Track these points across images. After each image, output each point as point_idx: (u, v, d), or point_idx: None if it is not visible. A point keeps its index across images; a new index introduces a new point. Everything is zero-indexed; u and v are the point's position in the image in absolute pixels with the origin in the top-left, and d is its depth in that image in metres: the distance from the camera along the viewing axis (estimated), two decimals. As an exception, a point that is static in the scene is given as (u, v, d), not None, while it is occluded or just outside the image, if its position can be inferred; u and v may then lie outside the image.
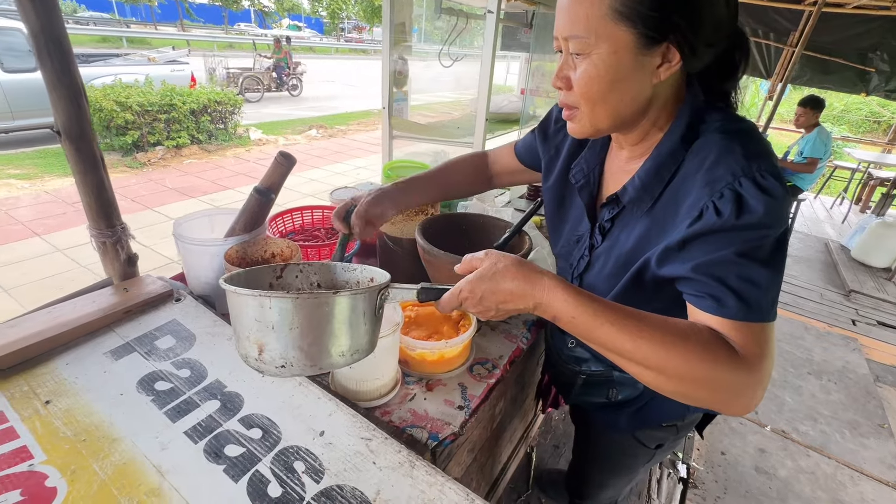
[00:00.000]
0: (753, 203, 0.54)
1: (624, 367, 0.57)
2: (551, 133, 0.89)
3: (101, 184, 0.86)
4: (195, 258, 0.96)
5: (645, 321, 0.54)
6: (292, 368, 0.55)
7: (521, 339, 1.05)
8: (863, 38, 6.00)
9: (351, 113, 10.41)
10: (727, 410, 0.55)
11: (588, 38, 0.57)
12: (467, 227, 1.15)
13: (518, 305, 0.57)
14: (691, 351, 0.53)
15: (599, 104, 0.61)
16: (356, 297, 0.56)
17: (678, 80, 0.63)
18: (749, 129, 0.62)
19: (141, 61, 7.88)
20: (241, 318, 0.55)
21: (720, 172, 0.57)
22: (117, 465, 0.59)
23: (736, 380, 0.53)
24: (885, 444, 2.28)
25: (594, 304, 0.55)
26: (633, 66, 0.58)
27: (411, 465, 0.62)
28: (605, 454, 1.05)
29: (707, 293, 0.57)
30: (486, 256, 0.58)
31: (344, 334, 0.56)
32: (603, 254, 0.75)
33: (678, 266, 0.60)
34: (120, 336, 0.82)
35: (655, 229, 0.66)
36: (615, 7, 0.55)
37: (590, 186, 0.78)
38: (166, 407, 0.68)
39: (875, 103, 12.45)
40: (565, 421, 2.17)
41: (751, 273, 0.55)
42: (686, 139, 0.63)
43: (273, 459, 0.62)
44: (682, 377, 0.53)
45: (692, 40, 0.57)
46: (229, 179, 5.65)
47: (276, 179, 0.97)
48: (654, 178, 0.65)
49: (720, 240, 0.56)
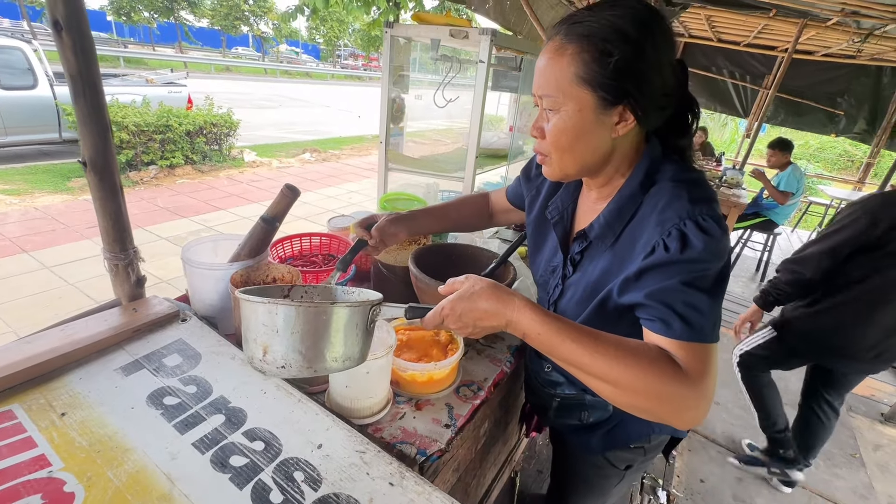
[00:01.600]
0: (695, 241, 0.65)
1: (585, 382, 0.65)
2: (532, 176, 1.02)
3: (118, 211, 0.93)
4: (201, 281, 1.03)
5: (601, 339, 0.63)
6: (291, 369, 0.63)
7: (504, 363, 1.12)
8: (832, 83, 6.40)
9: (345, 138, 10.61)
10: (675, 422, 0.63)
11: (557, 97, 0.68)
12: (457, 257, 1.23)
13: (492, 323, 0.66)
14: (641, 366, 0.61)
15: (567, 153, 0.72)
16: (351, 310, 0.64)
17: (637, 134, 0.74)
18: (696, 179, 0.73)
19: (139, 82, 8.01)
20: (250, 323, 0.64)
21: (669, 215, 0.68)
22: (130, 473, 0.64)
23: (681, 393, 0.61)
24: (856, 474, 2.35)
25: (557, 323, 0.63)
26: (594, 123, 0.69)
27: (401, 475, 0.68)
28: (579, 475, 1.11)
29: (657, 317, 0.66)
30: (465, 279, 0.68)
31: (338, 342, 0.64)
32: (573, 283, 0.85)
33: (634, 294, 0.69)
34: (129, 353, 0.87)
35: (616, 262, 0.76)
36: (579, 74, 0.66)
37: (563, 222, 0.89)
38: (175, 420, 0.73)
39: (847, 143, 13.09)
40: (549, 446, 2.21)
41: (693, 300, 0.64)
42: (644, 185, 0.74)
43: (275, 469, 0.67)
44: (634, 390, 0.61)
45: (643, 104, 0.68)
46: (222, 200, 5.70)
47: (282, 209, 1.05)
48: (616, 217, 0.76)
49: (668, 271, 0.66)
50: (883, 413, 2.85)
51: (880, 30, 4.10)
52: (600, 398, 0.96)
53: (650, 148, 0.75)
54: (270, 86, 20.03)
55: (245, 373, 0.86)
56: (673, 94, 0.71)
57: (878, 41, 4.45)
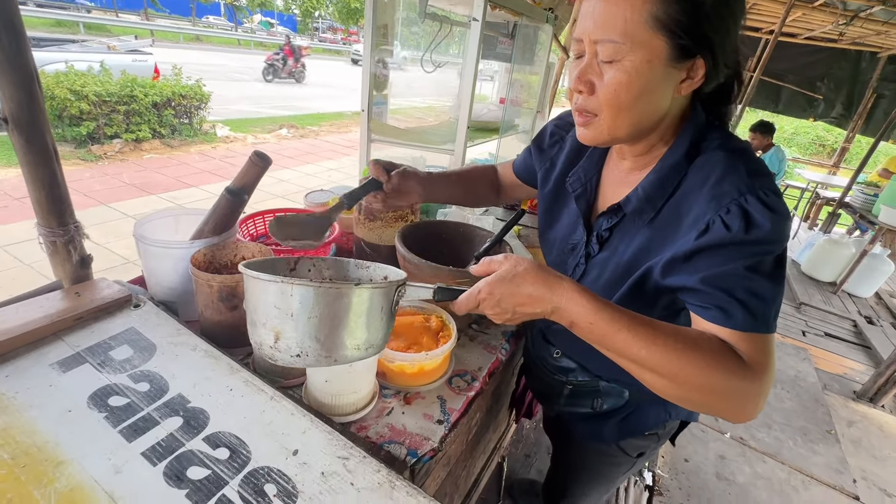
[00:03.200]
0: (760, 219, 0.56)
1: (635, 374, 0.58)
2: (546, 147, 0.91)
3: (53, 178, 0.79)
4: (158, 261, 0.90)
5: (659, 329, 0.55)
6: (307, 358, 0.55)
7: (500, 350, 1.04)
8: (812, 67, 6.45)
9: (323, 114, 10.23)
10: (733, 417, 0.57)
11: (622, 44, 0.56)
12: (447, 236, 1.13)
13: (535, 309, 0.57)
14: (703, 360, 0.54)
15: (624, 112, 0.61)
16: (376, 292, 0.55)
17: (688, 97, 0.64)
18: (747, 149, 0.64)
19: (100, 49, 7.48)
20: (258, 304, 0.55)
21: (726, 188, 0.59)
22: (62, 493, 0.53)
23: (743, 388, 0.55)
24: (831, 450, 2.40)
25: (611, 311, 0.55)
26: (662, 77, 0.58)
27: (391, 485, 0.59)
28: (587, 464, 1.06)
29: (714, 304, 0.58)
30: (505, 259, 0.58)
31: (361, 327, 0.56)
32: (600, 263, 0.75)
33: (685, 277, 0.60)
34: (69, 346, 0.74)
35: (656, 241, 0.67)
36: (656, 15, 0.54)
37: (587, 195, 0.79)
38: (121, 425, 0.62)
39: (821, 128, 13.40)
40: (536, 430, 2.18)
41: (757, 286, 0.57)
42: (689, 155, 0.64)
43: (242, 482, 0.57)
44: (693, 385, 0.55)
45: (717, 58, 0.58)
46: (193, 177, 5.42)
47: (250, 180, 0.92)
48: (658, 190, 0.66)
49: (729, 253, 0.57)
50: (855, 391, 2.93)
51: (865, 12, 4.09)
52: (615, 385, 0.89)
53: (696, 112, 0.66)
54: (244, 57, 19.08)
55: (208, 366, 0.74)
56: (736, 50, 0.61)
57: (863, 24, 4.45)
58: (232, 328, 0.85)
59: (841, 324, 3.78)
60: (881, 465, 2.35)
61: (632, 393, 0.89)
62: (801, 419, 2.60)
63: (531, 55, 2.10)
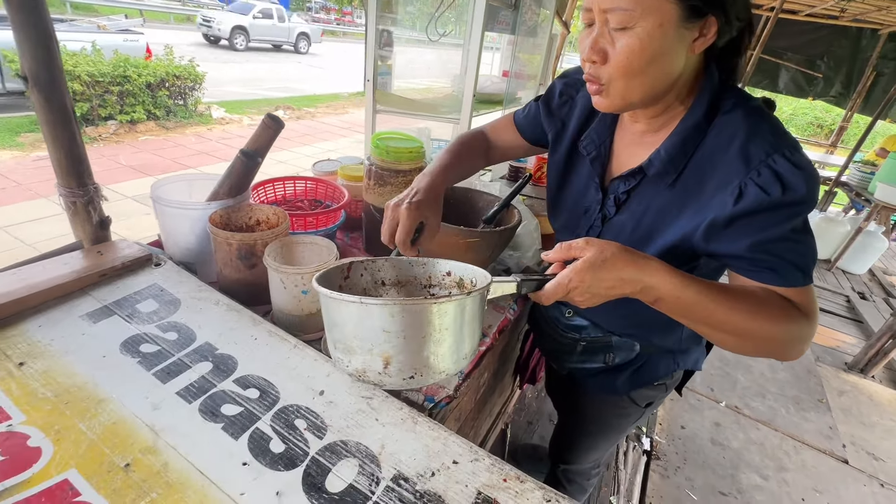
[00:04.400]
0: (793, 180, 0.58)
1: (706, 335, 0.63)
2: (555, 107, 0.89)
3: (72, 138, 0.80)
4: (175, 223, 0.92)
5: (732, 294, 0.60)
6: (420, 378, 0.54)
7: (508, 310, 1.07)
8: (812, 45, 6.40)
9: (319, 95, 10.09)
10: (789, 357, 0.63)
11: (634, 11, 0.56)
12: (455, 201, 1.15)
13: (625, 291, 0.58)
14: (773, 317, 0.60)
15: (637, 78, 0.61)
16: (477, 297, 0.55)
17: (701, 54, 0.64)
18: (763, 108, 0.65)
19: (90, 28, 7.30)
20: (360, 330, 0.53)
21: (753, 150, 0.60)
22: (106, 425, 0.56)
23: (804, 333, 0.62)
24: (822, 417, 2.48)
25: (695, 284, 0.58)
26: (674, 39, 0.58)
27: (413, 420, 0.63)
28: (598, 417, 1.10)
29: (766, 267, 0.62)
30: (587, 245, 0.57)
31: (468, 336, 0.56)
32: (618, 225, 0.77)
33: (729, 244, 0.63)
34: (97, 299, 0.77)
35: (678, 202, 0.69)
36: None
37: (601, 158, 0.80)
38: (155, 368, 0.65)
39: (819, 109, 13.34)
40: (538, 399, 2.24)
41: (801, 246, 0.61)
42: (708, 115, 0.65)
43: (273, 417, 0.60)
44: (765, 338, 0.60)
45: (729, 13, 0.58)
46: (190, 158, 5.38)
47: (264, 142, 0.93)
48: (680, 151, 0.67)
49: (770, 217, 0.60)
50: (846, 362, 3.00)
51: (869, -15, 4.05)
52: (626, 339, 0.93)
53: (710, 72, 0.66)
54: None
55: (231, 319, 0.77)
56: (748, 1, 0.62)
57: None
58: (251, 285, 0.88)
59: (835, 299, 3.85)
60: (869, 431, 2.43)
61: (643, 346, 0.93)
62: (794, 389, 2.68)
63: (534, 27, 2.09)
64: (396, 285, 0.79)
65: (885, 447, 2.34)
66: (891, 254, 5.26)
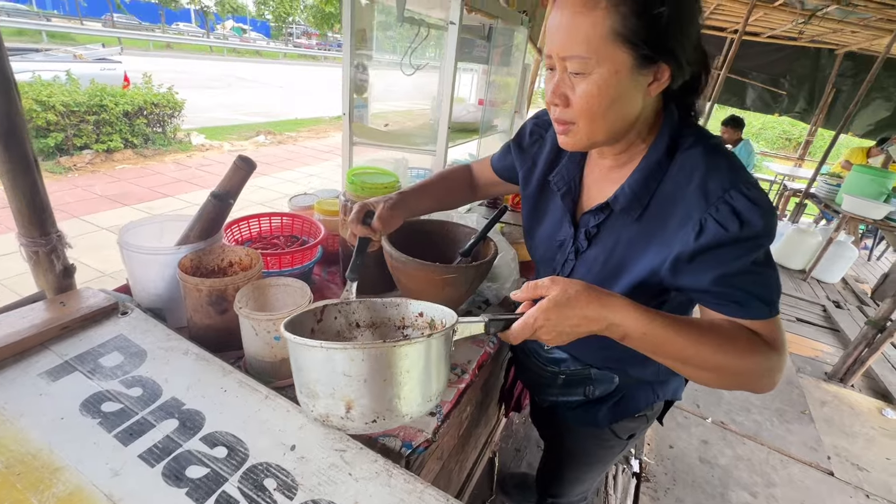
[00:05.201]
0: (749, 215, 0.60)
1: (678, 370, 0.63)
2: (526, 146, 0.93)
3: (34, 187, 0.78)
4: (143, 268, 0.89)
5: (699, 328, 0.61)
6: (383, 421, 0.53)
7: (487, 344, 1.06)
8: (775, 64, 6.71)
9: (301, 119, 10.13)
10: (762, 390, 0.63)
11: (589, 59, 0.59)
12: (433, 233, 1.15)
13: (591, 328, 0.59)
14: (741, 350, 0.60)
15: (598, 120, 0.64)
16: (441, 338, 0.55)
17: (660, 95, 0.68)
18: (721, 144, 0.68)
19: (66, 58, 7.26)
20: (322, 374, 0.52)
21: (711, 186, 0.63)
22: (61, 498, 0.53)
23: (773, 365, 0.62)
24: (806, 429, 2.51)
25: (661, 319, 0.59)
26: (630, 84, 0.61)
27: (388, 473, 0.61)
28: (581, 450, 1.09)
29: (731, 300, 0.63)
30: (552, 283, 0.59)
31: (433, 378, 0.55)
32: (590, 258, 0.78)
33: (694, 278, 0.65)
34: (57, 355, 0.74)
35: (644, 236, 0.70)
36: (616, 30, 0.57)
37: (572, 193, 0.82)
38: (116, 429, 0.62)
39: (787, 123, 13.92)
40: (526, 424, 2.21)
41: (765, 278, 0.63)
42: (669, 152, 0.68)
43: (241, 478, 0.58)
44: (736, 373, 0.61)
45: (680, 60, 0.61)
46: (169, 186, 5.30)
47: (235, 184, 0.92)
48: (644, 187, 0.69)
49: (732, 252, 0.62)
50: (826, 372, 3.06)
51: (822, 11, 4.29)
52: (605, 372, 0.93)
53: (670, 111, 0.69)
54: (217, 65, 18.77)
55: (200, 369, 0.75)
56: (698, 46, 0.65)
57: (820, 22, 4.66)
58: (222, 331, 0.85)
59: (811, 309, 3.94)
60: (852, 441, 2.47)
61: (622, 378, 0.93)
62: (778, 401, 2.71)
63: (507, 57, 2.15)
64: (371, 327, 0.78)
65: (868, 457, 2.37)
66: (861, 262, 5.44)
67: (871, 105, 6.18)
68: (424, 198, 0.99)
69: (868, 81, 4.21)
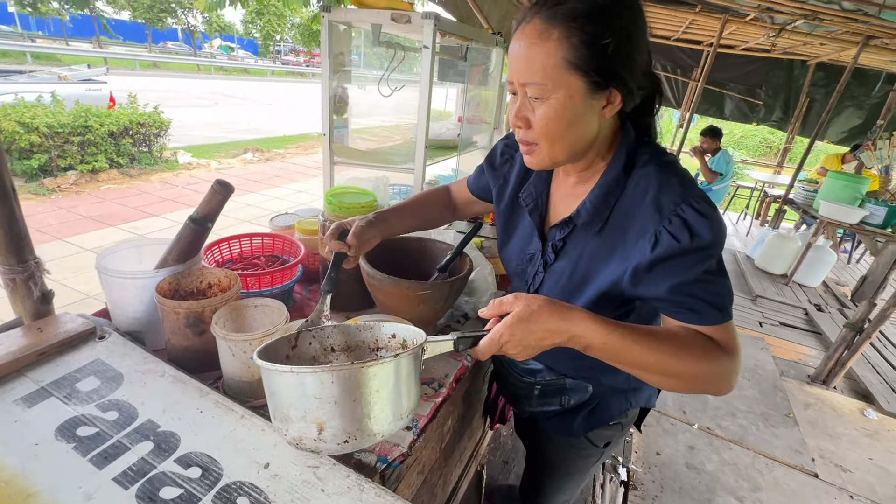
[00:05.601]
0: (699, 227, 0.65)
1: (641, 377, 0.66)
2: (498, 165, 0.98)
3: (12, 216, 0.80)
4: (122, 292, 0.91)
5: (656, 336, 0.64)
6: (355, 441, 0.55)
7: (465, 358, 1.08)
8: (751, 75, 6.93)
9: (289, 136, 10.18)
10: (721, 392, 0.67)
11: (545, 85, 0.64)
12: (410, 251, 1.18)
13: (554, 341, 0.62)
14: (696, 355, 0.64)
15: (558, 141, 0.69)
16: (410, 357, 0.57)
17: (615, 116, 0.73)
18: (674, 161, 0.73)
19: (50, 79, 7.24)
20: (294, 398, 0.54)
21: (664, 201, 0.67)
22: (33, 523, 0.54)
23: (728, 368, 0.65)
24: (791, 432, 2.55)
25: (619, 329, 0.62)
26: (584, 108, 0.66)
27: (360, 488, 0.63)
28: (559, 459, 1.11)
29: (686, 308, 0.67)
30: (516, 300, 0.62)
31: (405, 396, 0.58)
32: (557, 270, 0.83)
33: (652, 288, 0.69)
34: (33, 381, 0.75)
35: (606, 248, 0.75)
36: (568, 59, 0.62)
37: (539, 209, 0.86)
38: (91, 453, 0.63)
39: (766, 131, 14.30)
40: (513, 436, 2.22)
41: (716, 286, 0.67)
42: (626, 169, 0.73)
43: (214, 498, 0.59)
44: (694, 377, 0.64)
45: (629, 85, 0.66)
46: (155, 206, 5.28)
47: (213, 208, 0.95)
48: (604, 202, 0.74)
49: (684, 262, 0.66)
50: (809, 375, 3.11)
51: (791, 25, 4.46)
52: (580, 381, 0.96)
53: (626, 130, 0.74)
54: (204, 83, 18.82)
55: (177, 391, 0.76)
56: (648, 72, 0.70)
57: (790, 35, 4.84)
58: (200, 352, 0.87)
59: (794, 313, 4.02)
60: (835, 443, 2.51)
61: (595, 387, 0.97)
62: (762, 405, 2.75)
63: (485, 76, 2.21)
64: (346, 350, 0.80)
65: (852, 458, 2.41)
66: (841, 265, 5.57)
67: (843, 113, 6.39)
68: (403, 217, 1.03)
69: (838, 91, 4.38)
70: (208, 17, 26.48)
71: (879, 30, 3.90)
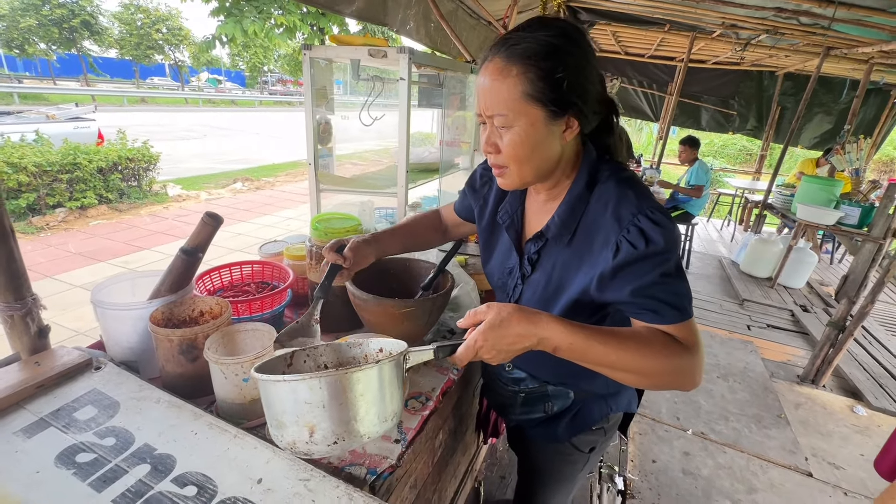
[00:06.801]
0: (653, 234, 0.71)
1: (609, 375, 0.71)
2: (478, 187, 1.05)
3: (10, 255, 0.84)
4: (117, 323, 0.94)
5: (621, 336, 0.69)
6: (343, 443, 0.59)
7: (451, 371, 1.13)
8: (723, 87, 7.19)
9: (278, 164, 10.29)
10: (686, 387, 0.72)
11: (508, 115, 0.72)
12: (395, 271, 1.23)
13: (525, 344, 0.67)
14: (658, 352, 0.69)
15: (525, 163, 0.76)
16: (391, 364, 0.62)
17: (577, 138, 0.80)
18: (632, 177, 0.80)
19: (38, 119, 7.32)
20: (286, 405, 0.60)
21: (623, 213, 0.74)
22: (37, 546, 0.57)
23: (690, 364, 0.70)
24: (784, 433, 2.58)
25: (584, 330, 0.67)
26: (546, 133, 0.74)
27: (349, 497, 0.66)
28: (547, 467, 1.15)
29: (647, 309, 0.73)
30: (488, 309, 0.68)
31: (388, 400, 0.63)
32: (534, 281, 0.89)
33: (616, 292, 0.75)
34: (32, 413, 0.77)
35: (575, 257, 0.81)
36: (528, 92, 0.70)
37: (515, 225, 0.93)
38: (90, 478, 0.66)
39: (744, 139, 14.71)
40: (509, 452, 2.23)
41: (673, 287, 0.72)
42: (589, 185, 0.80)
43: (210, 514, 0.62)
44: (656, 373, 0.69)
45: (585, 111, 0.74)
46: (145, 239, 5.30)
47: (203, 239, 0.99)
48: (570, 216, 0.81)
49: (643, 267, 0.72)
50: (798, 375, 3.16)
51: (755, 39, 4.69)
52: (561, 388, 1.01)
53: (588, 150, 0.82)
54: (193, 116, 19.04)
55: (172, 415, 0.79)
56: (602, 98, 0.78)
57: (755, 49, 5.08)
58: (194, 378, 0.90)
59: (780, 315, 4.10)
60: (827, 441, 2.54)
61: (576, 393, 1.01)
62: (754, 407, 2.78)
63: (462, 101, 2.32)
64: (338, 367, 0.84)
65: (844, 455, 2.44)
66: (824, 266, 5.69)
67: (814, 119, 6.65)
68: (396, 239, 1.10)
69: (805, 99, 4.57)
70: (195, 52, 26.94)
71: (836, 41, 4.12)
